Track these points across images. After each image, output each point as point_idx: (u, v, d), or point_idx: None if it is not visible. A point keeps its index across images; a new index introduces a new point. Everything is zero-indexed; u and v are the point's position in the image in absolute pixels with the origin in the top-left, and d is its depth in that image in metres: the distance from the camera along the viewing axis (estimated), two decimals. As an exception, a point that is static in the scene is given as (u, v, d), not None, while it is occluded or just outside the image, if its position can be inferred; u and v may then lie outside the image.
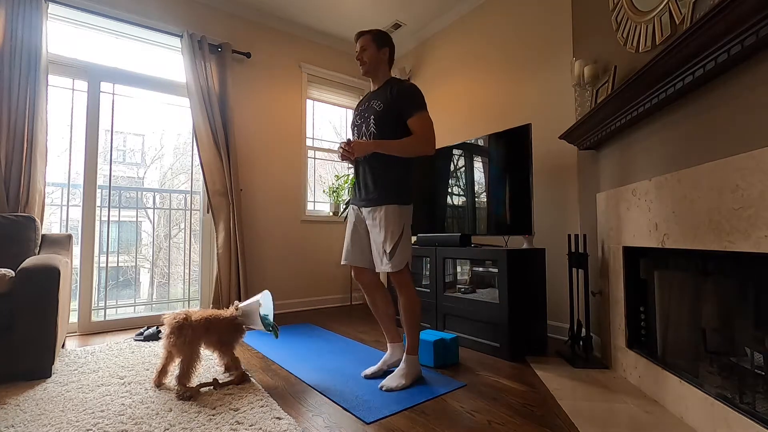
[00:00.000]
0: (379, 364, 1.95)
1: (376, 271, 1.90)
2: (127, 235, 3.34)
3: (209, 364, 2.00)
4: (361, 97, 2.11)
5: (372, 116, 1.87)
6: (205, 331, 1.75)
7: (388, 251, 1.79)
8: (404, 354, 1.85)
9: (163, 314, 1.78)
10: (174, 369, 1.72)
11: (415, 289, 1.89)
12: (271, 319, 1.86)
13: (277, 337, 1.86)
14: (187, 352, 1.67)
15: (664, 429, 1.38)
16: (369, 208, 1.87)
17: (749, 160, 1.09)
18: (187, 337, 1.68)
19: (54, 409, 1.51)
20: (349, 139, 1.83)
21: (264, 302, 1.83)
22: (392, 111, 1.83)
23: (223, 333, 1.79)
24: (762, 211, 1.05)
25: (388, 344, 2.00)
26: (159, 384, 1.74)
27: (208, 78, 3.12)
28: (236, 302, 1.87)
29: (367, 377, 1.89)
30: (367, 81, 4.24)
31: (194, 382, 1.70)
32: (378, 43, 1.90)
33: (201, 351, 1.73)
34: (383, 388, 1.72)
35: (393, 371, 1.86)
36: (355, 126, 1.97)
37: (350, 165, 2.01)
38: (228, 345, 1.82)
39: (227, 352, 1.82)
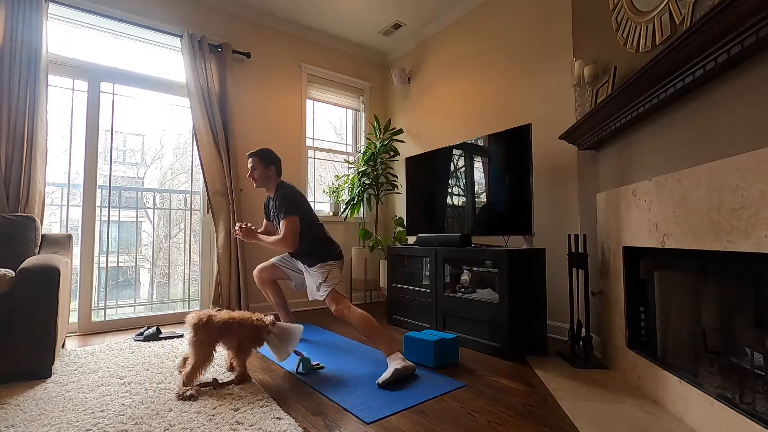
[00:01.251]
0: None
1: (310, 299, 2.35)
2: (127, 235, 3.34)
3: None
4: (268, 196, 2.50)
5: (277, 223, 2.38)
6: (223, 333, 1.76)
7: (317, 286, 2.26)
8: (387, 360, 1.92)
9: (188, 313, 1.80)
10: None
11: (354, 307, 2.11)
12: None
13: (297, 371, 1.91)
14: (199, 352, 1.69)
15: (664, 429, 1.38)
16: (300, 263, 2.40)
17: (749, 160, 1.09)
18: (201, 337, 1.70)
19: (54, 409, 1.51)
20: (247, 224, 2.37)
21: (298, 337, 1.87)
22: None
23: (244, 338, 1.79)
24: (762, 211, 1.05)
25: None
26: (182, 370, 1.78)
27: (208, 78, 3.12)
28: (272, 317, 1.87)
29: None
30: (366, 82, 4.27)
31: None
32: (265, 163, 2.35)
33: (214, 353, 1.74)
34: (379, 384, 1.76)
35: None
36: (272, 218, 2.50)
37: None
38: (245, 351, 1.81)
39: (240, 358, 1.81)
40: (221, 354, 2.00)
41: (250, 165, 2.38)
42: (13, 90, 2.41)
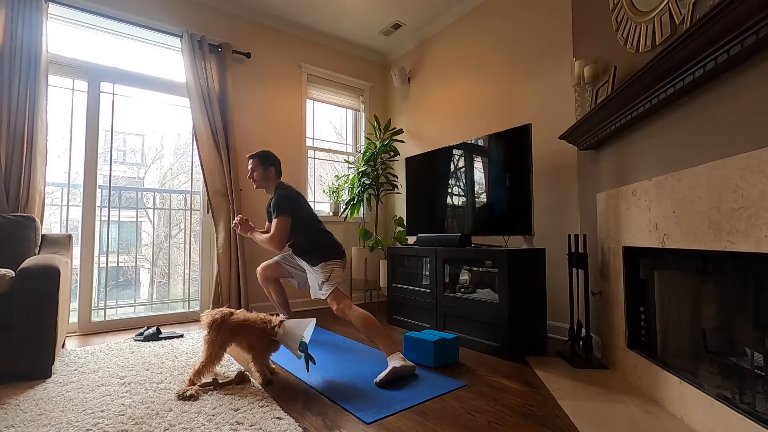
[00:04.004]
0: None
1: (312, 297, 2.38)
2: (127, 235, 3.34)
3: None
4: (270, 198, 2.50)
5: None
6: (235, 334, 1.77)
7: (319, 285, 2.27)
8: (387, 359, 1.92)
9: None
10: (219, 364, 1.79)
11: (355, 306, 2.12)
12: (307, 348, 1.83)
13: (308, 370, 1.86)
14: (208, 350, 1.72)
15: (664, 429, 1.38)
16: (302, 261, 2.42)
17: (749, 160, 1.09)
18: (213, 336, 1.73)
19: (54, 409, 1.51)
20: (244, 218, 2.44)
21: (307, 329, 1.81)
22: None
23: (253, 340, 1.78)
24: (762, 211, 1.05)
25: None
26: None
27: (208, 78, 3.12)
28: (282, 316, 1.84)
29: None
30: (366, 81, 4.27)
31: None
32: (264, 164, 2.39)
33: (223, 354, 1.76)
34: (377, 383, 1.77)
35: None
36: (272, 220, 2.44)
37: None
38: (259, 353, 1.79)
39: (255, 361, 1.80)
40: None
41: (249, 166, 2.42)
42: (13, 90, 2.41)
